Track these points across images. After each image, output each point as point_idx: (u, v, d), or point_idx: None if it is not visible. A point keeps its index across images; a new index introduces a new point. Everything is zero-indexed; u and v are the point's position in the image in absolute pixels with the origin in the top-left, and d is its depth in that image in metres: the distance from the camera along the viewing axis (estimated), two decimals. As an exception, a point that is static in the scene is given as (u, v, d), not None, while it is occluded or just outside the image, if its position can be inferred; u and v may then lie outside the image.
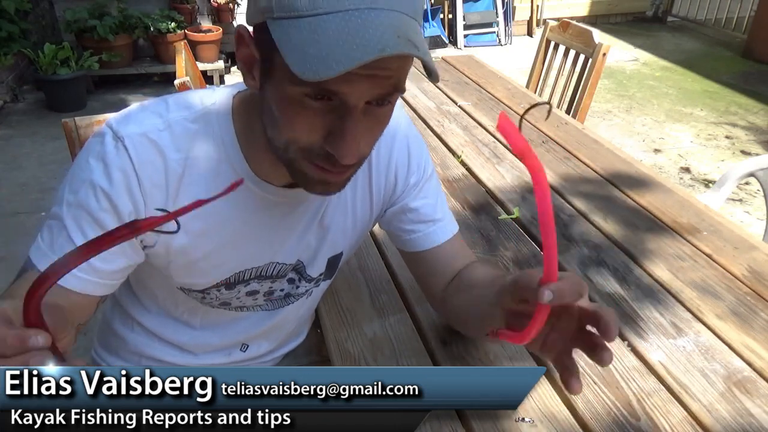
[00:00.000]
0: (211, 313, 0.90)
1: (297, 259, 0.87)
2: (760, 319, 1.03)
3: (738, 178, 1.82)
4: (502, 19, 5.55)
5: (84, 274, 0.71)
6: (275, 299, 0.91)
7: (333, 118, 0.61)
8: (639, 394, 0.87)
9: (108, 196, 0.70)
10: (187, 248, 0.77)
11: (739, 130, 3.86)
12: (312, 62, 0.55)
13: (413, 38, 0.56)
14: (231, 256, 0.81)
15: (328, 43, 0.54)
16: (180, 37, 4.23)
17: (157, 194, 0.72)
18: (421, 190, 0.89)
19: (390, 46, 0.54)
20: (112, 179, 0.69)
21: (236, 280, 0.84)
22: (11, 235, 2.63)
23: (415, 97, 2.08)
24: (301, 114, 0.61)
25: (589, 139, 1.75)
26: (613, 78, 4.78)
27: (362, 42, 0.54)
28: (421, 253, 0.90)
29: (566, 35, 2.30)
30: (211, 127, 0.74)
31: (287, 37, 0.57)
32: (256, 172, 0.76)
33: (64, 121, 1.29)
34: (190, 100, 0.75)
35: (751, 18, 5.38)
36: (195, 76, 1.86)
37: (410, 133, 0.89)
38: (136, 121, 0.72)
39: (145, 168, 0.71)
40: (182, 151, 0.72)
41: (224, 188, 0.52)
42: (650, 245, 1.24)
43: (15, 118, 3.83)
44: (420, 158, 0.89)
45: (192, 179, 0.73)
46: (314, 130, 0.62)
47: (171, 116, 0.73)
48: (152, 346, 0.93)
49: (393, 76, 0.60)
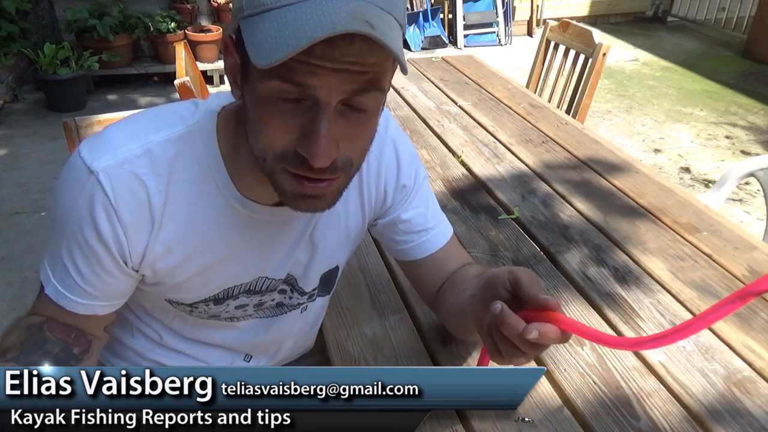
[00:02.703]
0: (200, 324, 0.88)
1: (287, 273, 0.85)
2: (760, 319, 1.03)
3: (738, 178, 1.82)
4: (502, 19, 5.55)
5: (86, 300, 0.74)
6: (266, 308, 0.90)
7: (306, 118, 0.59)
8: (639, 394, 0.87)
9: (93, 234, 0.70)
10: (174, 270, 0.76)
11: (739, 130, 3.86)
12: (267, 49, 0.54)
13: (373, 21, 0.54)
14: (218, 274, 0.79)
15: (285, 29, 0.54)
16: (180, 37, 4.23)
17: (140, 225, 0.71)
18: (413, 200, 0.89)
19: (340, 24, 0.53)
20: (95, 218, 0.69)
21: (225, 296, 0.83)
22: (11, 235, 2.63)
23: (415, 97, 2.08)
24: (274, 115, 0.60)
25: (589, 139, 1.75)
26: (613, 78, 4.78)
27: (315, 24, 0.53)
28: (414, 262, 0.91)
29: (566, 35, 2.30)
30: (194, 147, 0.71)
31: (253, 32, 0.57)
32: (243, 192, 0.73)
33: (64, 121, 1.29)
34: (171, 117, 0.73)
35: (751, 18, 5.38)
36: (195, 76, 1.85)
37: (399, 141, 0.87)
38: (110, 150, 0.69)
39: (124, 202, 0.69)
40: (163, 176, 0.70)
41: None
42: (650, 245, 1.24)
43: (15, 118, 3.83)
44: (410, 167, 0.88)
45: (175, 203, 0.72)
46: (288, 131, 0.60)
47: (150, 138, 0.70)
48: (153, 351, 0.92)
49: (367, 72, 0.58)
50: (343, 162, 0.63)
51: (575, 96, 2.23)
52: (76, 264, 0.72)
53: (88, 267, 0.72)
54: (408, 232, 0.89)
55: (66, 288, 0.73)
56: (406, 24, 0.63)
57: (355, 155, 0.65)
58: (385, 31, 0.55)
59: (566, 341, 0.64)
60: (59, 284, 0.73)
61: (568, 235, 1.28)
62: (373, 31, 0.54)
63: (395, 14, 0.59)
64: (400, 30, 0.60)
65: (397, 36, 0.59)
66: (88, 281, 0.73)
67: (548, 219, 1.34)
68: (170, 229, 0.72)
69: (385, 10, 0.57)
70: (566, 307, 1.05)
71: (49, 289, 0.74)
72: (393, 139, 0.87)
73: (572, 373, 0.91)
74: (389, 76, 0.62)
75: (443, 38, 5.41)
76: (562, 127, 1.84)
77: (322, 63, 0.55)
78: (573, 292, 1.10)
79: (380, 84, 0.60)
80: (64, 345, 0.75)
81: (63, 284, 0.73)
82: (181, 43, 1.84)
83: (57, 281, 0.73)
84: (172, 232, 0.73)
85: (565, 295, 1.09)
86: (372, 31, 0.53)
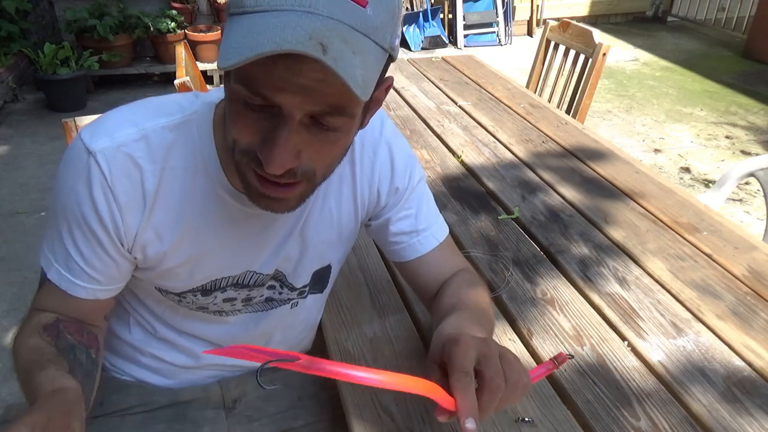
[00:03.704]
0: (191, 315, 0.89)
1: (275, 269, 0.86)
2: (760, 319, 1.03)
3: (738, 178, 1.82)
4: (502, 19, 5.55)
5: (88, 284, 0.76)
6: (255, 303, 0.90)
7: (270, 124, 0.59)
8: (639, 394, 0.87)
9: (92, 214, 0.72)
10: (162, 256, 0.77)
11: (739, 130, 3.86)
12: (228, 52, 0.54)
13: (331, 44, 0.52)
14: (206, 265, 0.81)
15: (247, 36, 0.53)
16: (180, 37, 4.23)
17: (133, 206, 0.72)
18: (406, 201, 0.89)
19: (288, 43, 0.51)
20: (93, 197, 0.70)
21: (212, 287, 0.84)
22: (11, 235, 2.63)
23: (414, 97, 2.08)
24: (242, 114, 0.60)
25: (589, 139, 1.75)
26: (613, 78, 4.78)
27: (271, 38, 0.51)
28: (406, 263, 0.91)
29: (566, 35, 2.30)
30: (190, 136, 0.73)
31: (228, 31, 0.57)
32: (234, 184, 0.75)
33: (64, 121, 1.29)
34: (170, 106, 0.74)
35: (751, 18, 5.38)
36: (195, 76, 1.86)
37: (394, 143, 0.87)
38: (108, 133, 0.71)
39: (120, 183, 0.70)
40: (158, 162, 0.72)
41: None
42: (650, 245, 1.24)
43: (15, 118, 3.83)
44: (404, 169, 0.88)
45: (168, 190, 0.73)
46: (252, 132, 0.60)
47: (147, 125, 0.72)
48: (150, 344, 0.93)
49: (333, 95, 0.56)
50: (305, 171, 0.63)
51: (575, 96, 2.23)
52: (77, 246, 0.74)
53: (89, 249, 0.74)
54: (399, 233, 0.89)
55: (69, 271, 0.75)
56: (395, 46, 0.61)
57: (320, 167, 0.64)
58: (342, 56, 0.53)
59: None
60: (62, 268, 0.75)
61: (568, 235, 1.28)
62: (323, 55, 0.51)
63: (374, 37, 0.57)
64: (380, 52, 0.58)
65: (367, 60, 0.56)
66: (89, 263, 0.75)
67: (548, 219, 1.34)
68: (161, 215, 0.74)
69: (360, 32, 0.55)
70: (566, 307, 1.05)
71: (52, 274, 0.76)
72: (388, 141, 0.87)
73: (572, 373, 0.91)
74: (361, 103, 0.59)
75: (443, 38, 5.41)
76: (562, 127, 1.84)
77: (286, 77, 0.54)
78: (573, 292, 1.10)
79: (346, 110, 0.59)
80: (86, 351, 0.77)
81: (66, 268, 0.75)
82: (181, 43, 1.84)
83: (60, 265, 0.75)
84: (163, 218, 0.74)
85: (565, 295, 1.09)
86: (321, 54, 0.51)
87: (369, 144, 0.84)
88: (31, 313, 0.79)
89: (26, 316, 0.80)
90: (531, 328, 1.00)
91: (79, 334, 0.77)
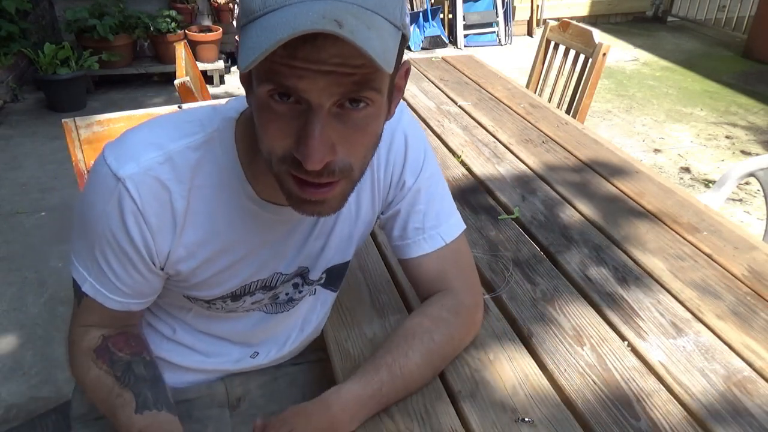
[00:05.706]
0: (215, 317, 0.91)
1: (298, 266, 0.88)
2: (760, 319, 1.03)
3: (738, 178, 1.82)
4: (502, 19, 5.55)
5: (122, 298, 0.79)
6: (280, 303, 0.92)
7: (301, 122, 0.59)
8: (639, 394, 0.87)
9: (124, 237, 0.73)
10: (195, 270, 0.79)
11: (739, 130, 3.86)
12: (247, 54, 0.54)
13: (345, 20, 0.52)
14: (237, 273, 0.82)
15: (263, 33, 0.54)
16: (180, 37, 4.23)
17: (164, 227, 0.74)
18: (415, 195, 0.89)
19: (303, 24, 0.51)
20: (125, 222, 0.72)
21: (242, 292, 0.86)
22: (11, 235, 2.63)
23: (414, 96, 2.08)
24: (272, 119, 0.60)
25: (589, 139, 1.75)
26: (613, 78, 4.78)
27: (286, 26, 0.52)
28: (408, 260, 0.92)
29: (566, 35, 2.30)
30: (213, 153, 0.74)
31: (244, 39, 0.57)
32: (260, 194, 0.76)
33: (64, 121, 1.29)
34: (191, 125, 0.75)
35: (751, 18, 5.38)
36: (195, 76, 1.86)
37: (411, 135, 0.88)
38: (133, 157, 0.71)
39: (150, 206, 0.72)
40: (185, 182, 0.73)
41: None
42: (650, 245, 1.24)
43: (15, 118, 3.83)
44: (415, 164, 0.88)
45: (196, 208, 0.74)
46: (285, 135, 0.61)
47: (171, 146, 0.72)
48: (161, 347, 0.93)
49: (355, 74, 0.57)
50: (342, 166, 0.63)
51: (575, 96, 2.23)
52: (110, 265, 0.76)
53: (122, 268, 0.76)
54: (404, 229, 0.90)
55: (103, 286, 0.77)
56: (406, 24, 0.62)
57: (355, 160, 0.65)
58: (358, 29, 0.53)
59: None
60: (96, 283, 0.77)
61: (568, 235, 1.28)
62: (340, 29, 0.52)
63: (384, 14, 0.57)
64: (393, 29, 0.59)
65: (383, 35, 0.56)
66: (122, 280, 0.77)
67: (548, 219, 1.34)
68: (191, 234, 0.76)
69: (369, 10, 0.56)
70: (566, 308, 1.05)
71: (87, 287, 0.78)
72: (405, 131, 0.87)
73: (572, 373, 0.91)
74: (386, 77, 0.61)
75: (443, 38, 5.41)
76: (562, 127, 1.84)
77: (307, 65, 0.55)
78: (573, 292, 1.10)
79: (372, 84, 0.59)
80: (141, 360, 0.81)
81: (100, 283, 0.77)
82: (181, 43, 1.84)
83: (94, 280, 0.77)
84: (193, 236, 0.76)
85: (565, 295, 1.09)
86: (338, 29, 0.51)
87: (385, 129, 0.84)
88: (75, 331, 0.82)
89: (71, 333, 0.83)
90: (531, 328, 1.00)
91: (127, 346, 0.81)
